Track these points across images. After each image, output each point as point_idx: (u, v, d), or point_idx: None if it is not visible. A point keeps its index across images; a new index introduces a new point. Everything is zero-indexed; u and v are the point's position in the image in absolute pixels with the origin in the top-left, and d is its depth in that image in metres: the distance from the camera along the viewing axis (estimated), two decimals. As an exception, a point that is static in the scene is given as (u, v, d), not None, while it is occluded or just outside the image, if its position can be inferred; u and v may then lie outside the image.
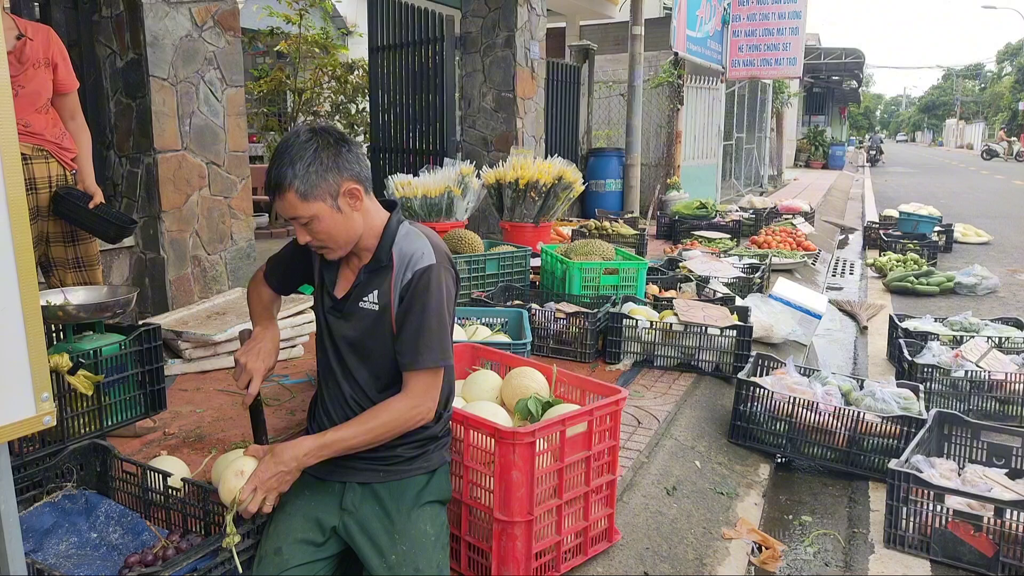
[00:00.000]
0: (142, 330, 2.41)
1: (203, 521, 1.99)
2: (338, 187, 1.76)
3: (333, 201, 1.76)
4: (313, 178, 1.73)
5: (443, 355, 1.85)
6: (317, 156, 1.73)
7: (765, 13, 12.25)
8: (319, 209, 1.75)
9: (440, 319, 1.83)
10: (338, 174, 1.75)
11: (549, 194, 6.31)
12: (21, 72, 2.92)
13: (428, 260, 1.83)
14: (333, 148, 1.76)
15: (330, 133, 1.79)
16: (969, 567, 2.51)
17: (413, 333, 1.82)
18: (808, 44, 19.65)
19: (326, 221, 1.77)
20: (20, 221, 1.28)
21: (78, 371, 2.18)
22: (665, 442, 3.16)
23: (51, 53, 3.05)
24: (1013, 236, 10.59)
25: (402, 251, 1.85)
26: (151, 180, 4.25)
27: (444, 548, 1.90)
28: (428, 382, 1.85)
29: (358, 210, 1.80)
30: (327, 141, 1.76)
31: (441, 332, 1.84)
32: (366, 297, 1.87)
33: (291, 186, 1.72)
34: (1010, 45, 60.38)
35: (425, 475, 1.93)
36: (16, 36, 2.91)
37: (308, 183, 1.73)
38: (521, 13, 7.63)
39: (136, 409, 2.43)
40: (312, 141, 1.75)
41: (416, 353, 1.82)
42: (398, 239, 1.87)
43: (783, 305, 4.82)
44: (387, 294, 1.85)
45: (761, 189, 16.59)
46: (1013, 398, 3.63)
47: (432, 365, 1.83)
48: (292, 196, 1.73)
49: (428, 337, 1.81)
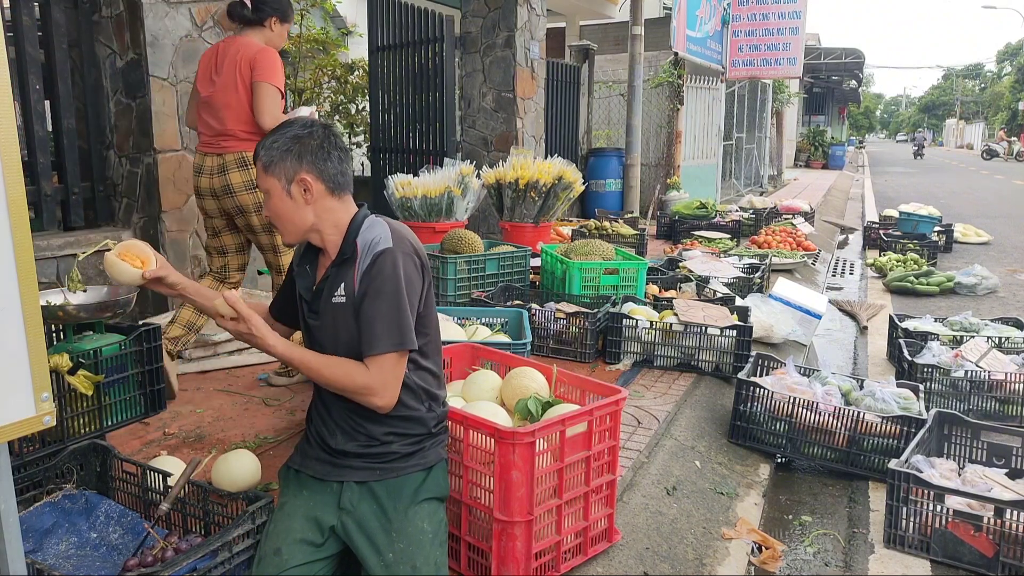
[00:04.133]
0: (142, 330, 2.41)
1: (203, 521, 1.99)
2: (294, 173, 1.85)
3: (287, 184, 1.86)
4: (275, 155, 1.86)
5: (399, 340, 1.82)
6: (289, 139, 1.86)
7: (765, 13, 12.24)
8: (272, 185, 1.87)
9: (395, 303, 1.82)
10: (298, 162, 1.85)
11: (549, 194, 6.31)
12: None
13: (384, 244, 1.84)
14: (309, 138, 1.87)
15: (323, 128, 1.91)
16: (969, 567, 2.51)
17: (368, 319, 1.82)
18: (808, 44, 19.67)
19: (275, 200, 1.88)
20: (20, 221, 1.28)
21: (78, 371, 2.18)
22: (665, 442, 3.16)
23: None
24: (1013, 236, 10.59)
25: (363, 240, 1.88)
26: (151, 180, 4.26)
27: (442, 545, 1.90)
28: (386, 366, 1.83)
29: (310, 203, 1.87)
30: (309, 132, 1.88)
31: (396, 316, 1.82)
32: (336, 292, 1.88)
33: (259, 156, 1.88)
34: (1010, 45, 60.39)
35: (422, 472, 1.93)
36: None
37: (270, 156, 1.86)
38: (521, 13, 7.63)
39: (136, 409, 2.43)
40: (296, 127, 1.89)
41: (370, 338, 1.82)
42: (361, 230, 1.90)
43: (783, 305, 4.82)
44: (351, 284, 1.86)
45: (761, 189, 16.59)
46: (1013, 398, 3.63)
47: (385, 350, 1.82)
48: (259, 164, 1.88)
49: (381, 322, 1.81)
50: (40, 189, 4.06)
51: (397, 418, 1.90)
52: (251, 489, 2.16)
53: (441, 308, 4.06)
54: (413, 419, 1.92)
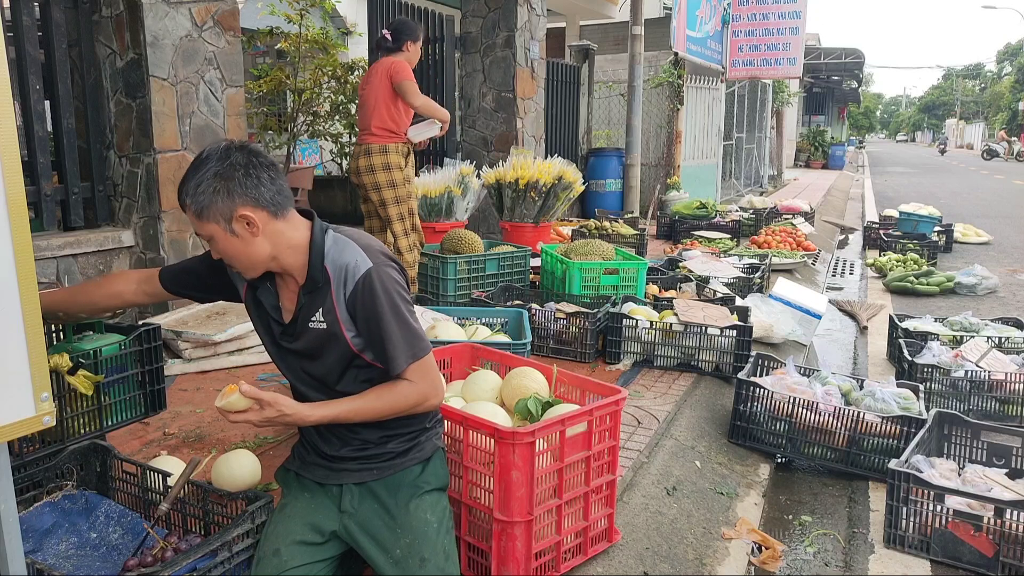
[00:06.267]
0: (142, 330, 2.41)
1: (203, 521, 1.99)
2: (230, 212, 1.70)
3: (227, 224, 1.71)
4: (203, 199, 1.69)
5: (415, 348, 1.81)
6: (212, 178, 1.69)
7: (765, 13, 12.24)
8: (213, 230, 1.72)
9: (401, 317, 1.80)
10: (229, 199, 1.69)
11: (549, 194, 6.31)
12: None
13: (365, 265, 1.79)
14: (231, 170, 1.70)
15: (240, 151, 1.73)
16: (969, 567, 2.51)
17: (380, 343, 1.80)
18: (808, 44, 19.66)
19: (222, 243, 1.74)
20: (20, 221, 1.28)
21: (78, 371, 2.18)
22: (665, 442, 3.16)
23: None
24: (1013, 236, 10.59)
25: (336, 264, 1.80)
26: (151, 180, 4.25)
27: (448, 532, 1.90)
28: (424, 374, 1.83)
29: (257, 235, 1.73)
30: (230, 162, 1.70)
31: (404, 328, 1.80)
32: (313, 317, 1.83)
33: (187, 205, 1.72)
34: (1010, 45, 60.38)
35: (419, 464, 1.92)
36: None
37: (199, 203, 1.70)
38: (521, 13, 7.63)
39: (136, 409, 2.43)
40: (212, 161, 1.70)
41: (393, 360, 1.80)
42: (327, 252, 1.80)
43: (783, 305, 4.82)
44: (332, 310, 1.80)
45: (761, 189, 16.59)
46: (1013, 398, 3.63)
47: (413, 360, 1.81)
48: (190, 214, 1.73)
49: (399, 340, 1.79)
50: (40, 189, 4.05)
51: (392, 421, 1.90)
52: (251, 489, 2.16)
53: (441, 308, 4.07)
54: (407, 419, 1.91)
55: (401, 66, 4.42)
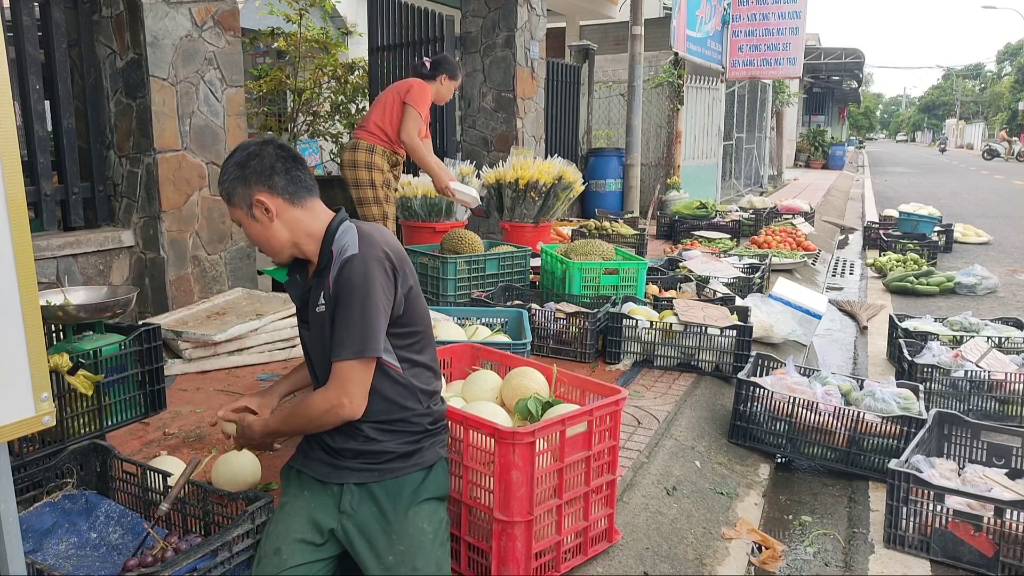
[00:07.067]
0: (142, 330, 2.41)
1: (203, 521, 1.99)
2: (249, 198, 1.87)
3: (248, 210, 1.89)
4: (227, 186, 1.90)
5: (363, 346, 1.79)
6: (233, 167, 1.88)
7: (765, 13, 12.25)
8: (240, 215, 1.91)
9: (361, 309, 1.79)
10: (246, 186, 1.87)
11: (549, 194, 6.31)
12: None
13: (351, 251, 1.82)
14: (249, 159, 1.88)
15: (268, 145, 1.91)
16: (969, 567, 2.51)
17: (338, 325, 1.82)
18: (808, 44, 19.66)
19: (247, 226, 1.92)
20: (20, 221, 1.28)
21: (78, 371, 2.18)
22: (665, 442, 3.16)
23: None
24: (1013, 236, 10.59)
25: (337, 247, 1.87)
26: (151, 180, 4.25)
27: (444, 545, 1.89)
28: (347, 374, 1.80)
29: (273, 220, 1.88)
30: (250, 155, 1.88)
31: (361, 323, 1.79)
32: (318, 302, 1.87)
33: (220, 191, 1.93)
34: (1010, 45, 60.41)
35: (421, 472, 1.92)
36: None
37: (225, 190, 1.91)
38: (521, 13, 7.63)
39: (136, 409, 2.43)
40: (239, 152, 1.90)
41: (337, 344, 1.80)
42: (337, 238, 1.88)
43: (783, 305, 4.82)
44: (329, 292, 1.84)
45: (761, 189, 16.59)
46: (1013, 398, 3.63)
47: (348, 356, 1.79)
48: (223, 200, 1.94)
49: (345, 330, 1.79)
50: (40, 189, 4.05)
51: (396, 419, 1.90)
52: (251, 489, 2.17)
53: (441, 308, 4.07)
54: (411, 418, 1.91)
55: (424, 93, 4.43)
